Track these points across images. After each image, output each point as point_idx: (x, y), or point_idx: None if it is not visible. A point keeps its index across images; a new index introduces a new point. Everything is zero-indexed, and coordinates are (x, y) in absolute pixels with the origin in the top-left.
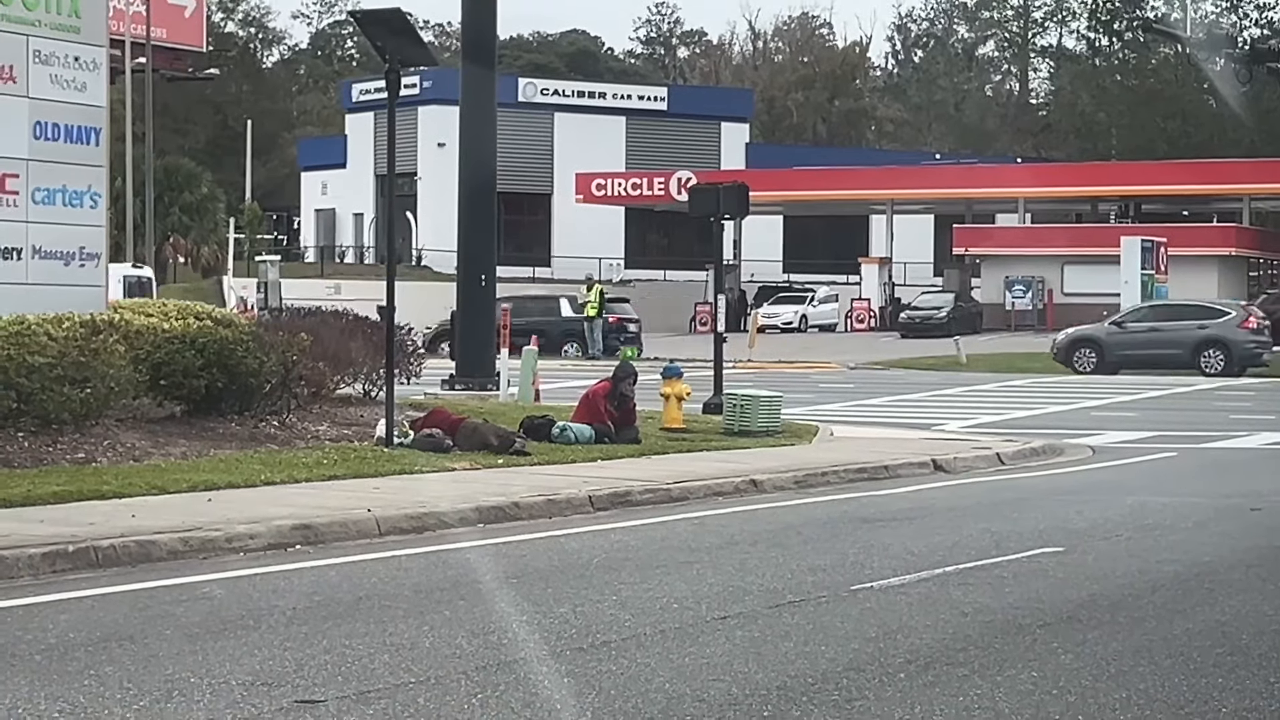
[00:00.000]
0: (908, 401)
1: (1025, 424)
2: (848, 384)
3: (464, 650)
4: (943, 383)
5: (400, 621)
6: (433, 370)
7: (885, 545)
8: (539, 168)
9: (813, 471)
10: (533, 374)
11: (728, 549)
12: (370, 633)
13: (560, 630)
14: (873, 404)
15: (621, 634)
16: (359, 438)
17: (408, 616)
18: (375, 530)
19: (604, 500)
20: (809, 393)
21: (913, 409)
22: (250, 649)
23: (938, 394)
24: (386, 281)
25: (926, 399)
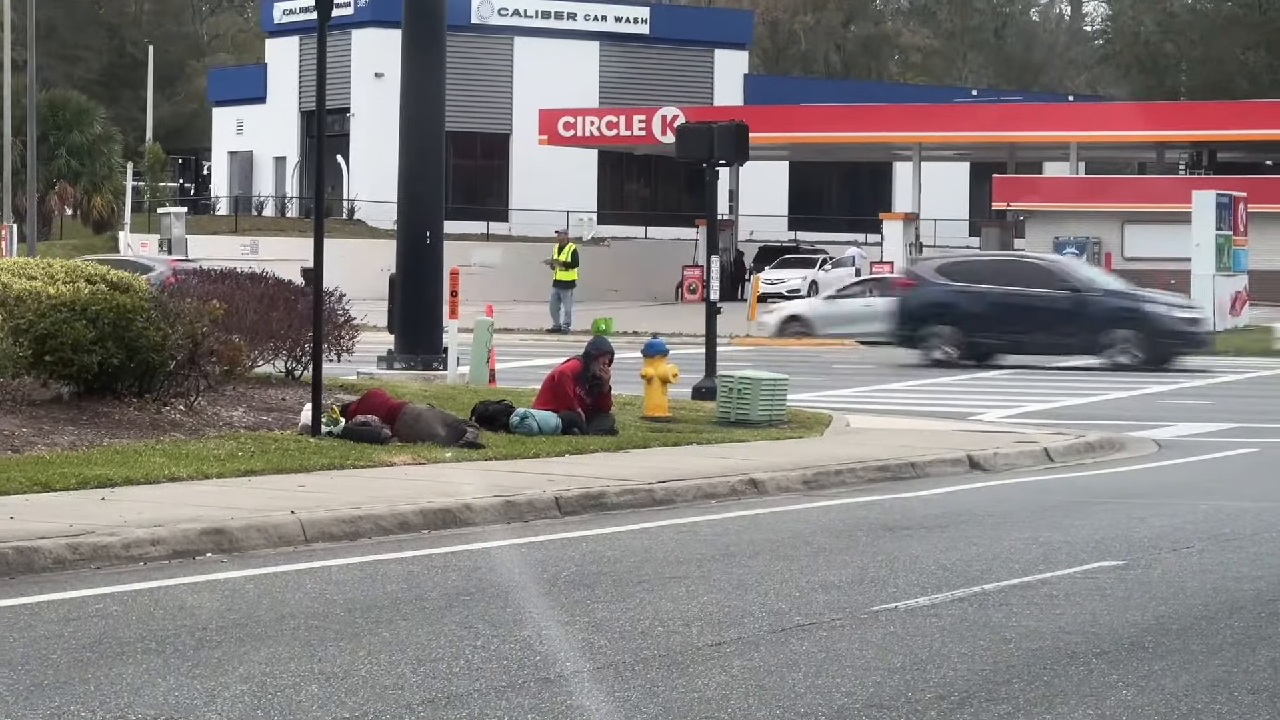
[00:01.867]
0: (939, 387)
1: (1078, 414)
2: (866, 365)
3: (407, 680)
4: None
5: (331, 645)
6: (368, 345)
7: (912, 558)
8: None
9: (825, 470)
10: (487, 350)
11: (723, 561)
12: (296, 658)
13: (522, 658)
14: (897, 389)
15: (596, 662)
16: (280, 425)
17: (340, 639)
18: (300, 536)
19: (574, 503)
20: (820, 375)
21: (945, 395)
22: (152, 677)
23: (974, 378)
24: (314, 239)
25: (961, 384)
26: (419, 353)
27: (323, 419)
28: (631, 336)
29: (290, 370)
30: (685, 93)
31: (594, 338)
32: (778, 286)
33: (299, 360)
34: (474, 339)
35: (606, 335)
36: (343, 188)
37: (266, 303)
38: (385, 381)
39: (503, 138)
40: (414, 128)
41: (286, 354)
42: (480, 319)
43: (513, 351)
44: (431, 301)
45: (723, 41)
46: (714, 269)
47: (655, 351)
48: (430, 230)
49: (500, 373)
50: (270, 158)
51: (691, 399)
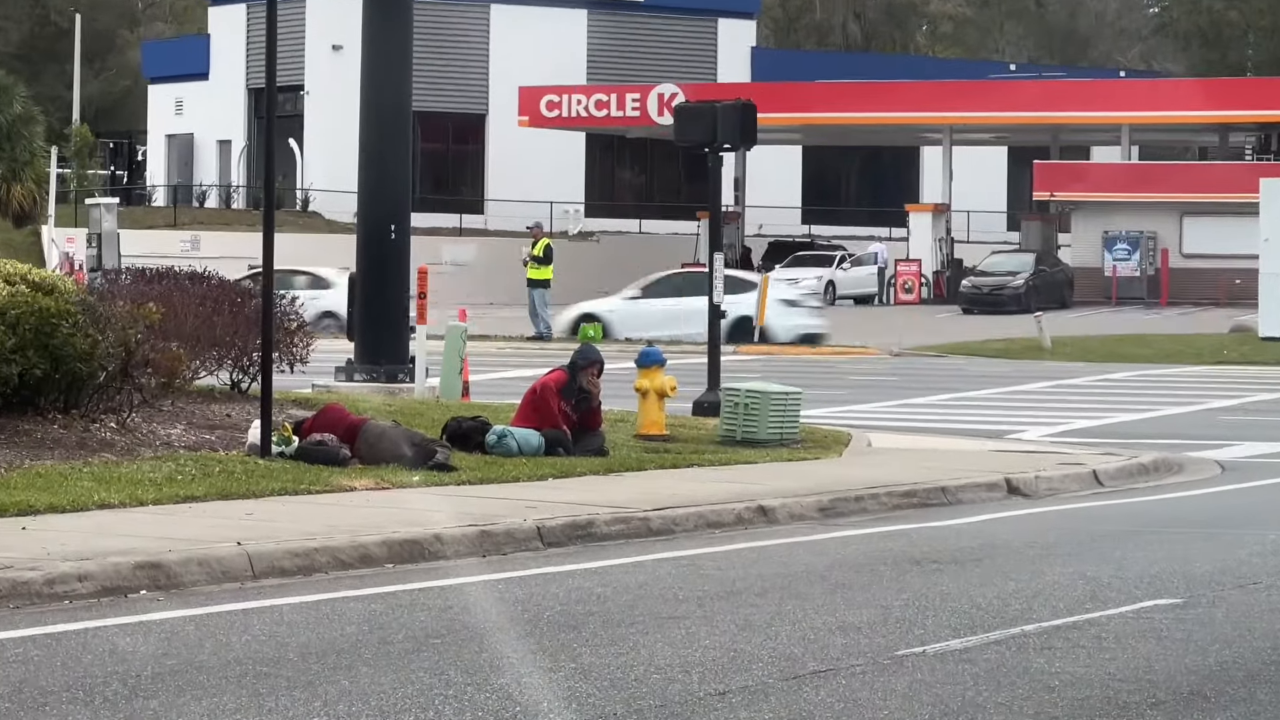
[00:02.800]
0: (972, 401)
1: (1131, 431)
2: (890, 376)
3: None
4: (1019, 375)
5: (283, 695)
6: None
7: (942, 595)
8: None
9: (843, 495)
10: (460, 360)
11: (728, 600)
12: (243, 709)
13: (499, 710)
14: (924, 404)
15: (584, 714)
16: (225, 445)
17: (293, 688)
18: (248, 570)
19: (558, 533)
20: (838, 388)
21: (979, 410)
22: None
23: (1013, 390)
24: (263, 233)
25: (997, 397)
26: (382, 363)
27: (273, 438)
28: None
29: (236, 382)
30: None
31: (581, 346)
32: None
33: (246, 371)
34: (445, 347)
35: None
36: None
37: (209, 306)
38: (344, 395)
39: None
40: (377, 107)
41: (232, 364)
42: (452, 324)
43: (489, 361)
44: (396, 304)
45: (727, 10)
46: (718, 267)
47: (651, 361)
48: (395, 224)
49: (475, 385)
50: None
51: (692, 415)
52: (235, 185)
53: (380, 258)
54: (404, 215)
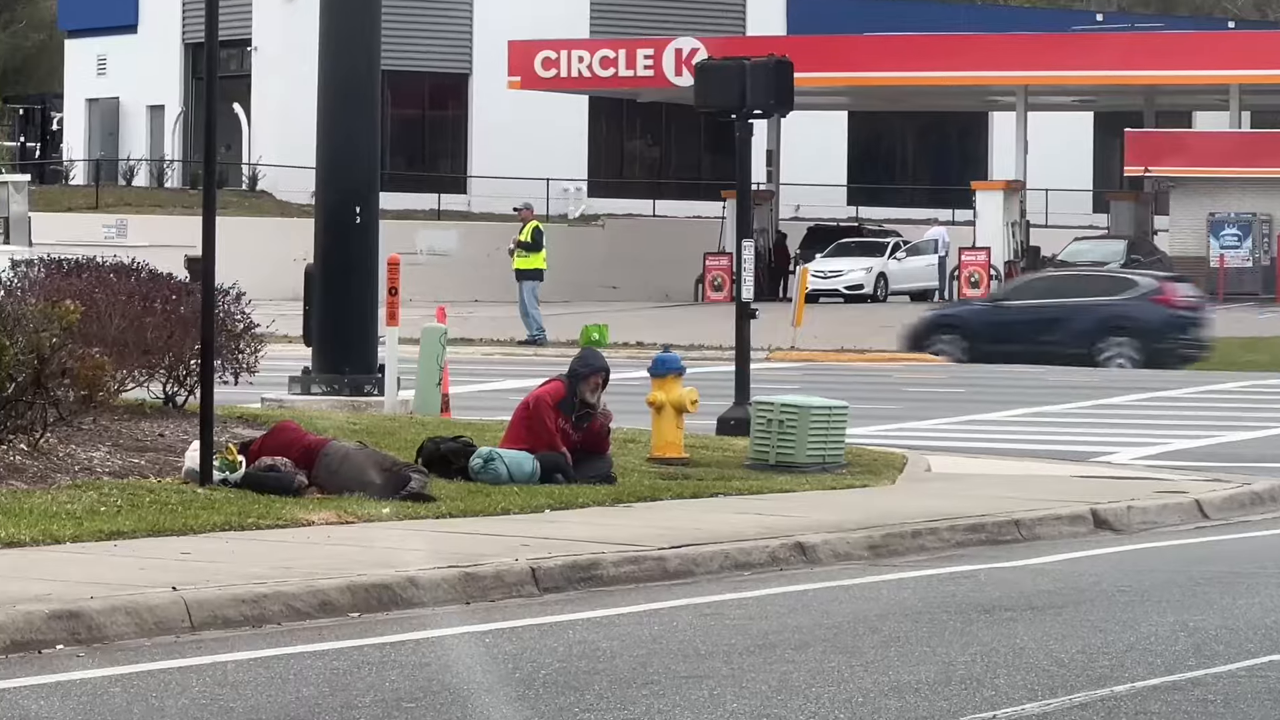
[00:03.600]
0: (1051, 416)
1: (1242, 453)
2: (954, 387)
3: None
4: (1108, 385)
5: None
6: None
7: (1016, 650)
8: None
9: (897, 529)
10: (439, 369)
11: (759, 655)
12: None
13: None
14: (995, 420)
15: None
16: (158, 470)
17: None
18: (185, 621)
19: (556, 575)
20: (892, 401)
21: (1060, 428)
22: None
23: (1100, 405)
24: (203, 217)
25: (1082, 413)
26: (346, 372)
27: (215, 462)
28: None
29: (171, 396)
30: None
31: (582, 351)
32: (833, 281)
33: (182, 382)
34: (420, 353)
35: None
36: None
37: (139, 304)
38: (300, 411)
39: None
40: (338, 67)
41: (166, 374)
42: (429, 326)
43: (474, 370)
44: (362, 302)
45: None
46: (747, 257)
47: (667, 370)
48: (360, 205)
49: (457, 399)
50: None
51: (717, 434)
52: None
53: (343, 246)
54: (371, 195)
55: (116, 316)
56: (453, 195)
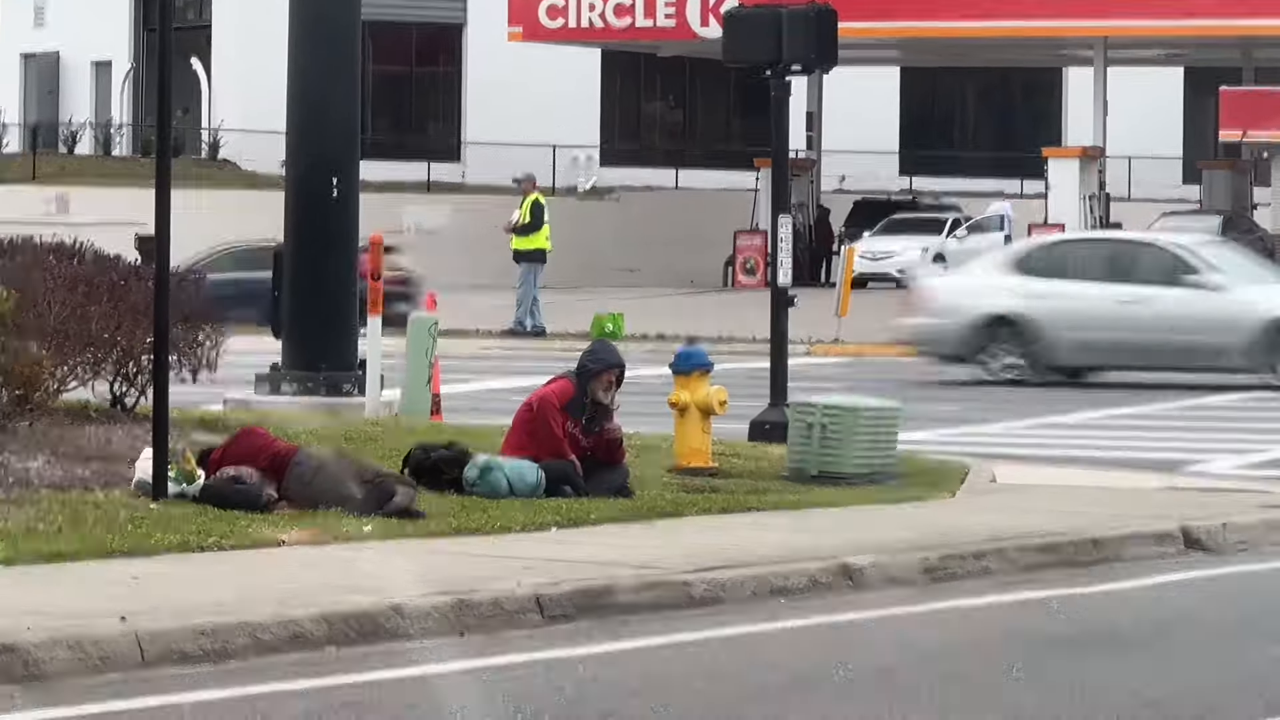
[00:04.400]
0: (1137, 419)
1: None
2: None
3: None
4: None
5: None
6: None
7: (1096, 689)
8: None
9: (957, 550)
10: (429, 365)
11: (798, 696)
12: None
13: None
14: (1070, 423)
15: None
16: (104, 482)
17: None
18: (135, 656)
19: (564, 603)
20: (950, 402)
21: (1147, 432)
22: None
23: (1194, 405)
24: (156, 190)
25: (1173, 414)
26: (321, 368)
27: (170, 473)
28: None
29: (119, 396)
30: None
31: (593, 344)
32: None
33: (133, 381)
34: (408, 347)
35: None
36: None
37: (82, 291)
38: (268, 414)
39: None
40: (313, 17)
41: (113, 371)
42: (418, 315)
43: (470, 367)
44: (340, 289)
45: None
46: (784, 236)
47: (692, 366)
48: (338, 176)
49: (450, 399)
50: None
51: (749, 440)
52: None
53: (317, 223)
54: (350, 164)
55: (56, 305)
56: (444, 164)
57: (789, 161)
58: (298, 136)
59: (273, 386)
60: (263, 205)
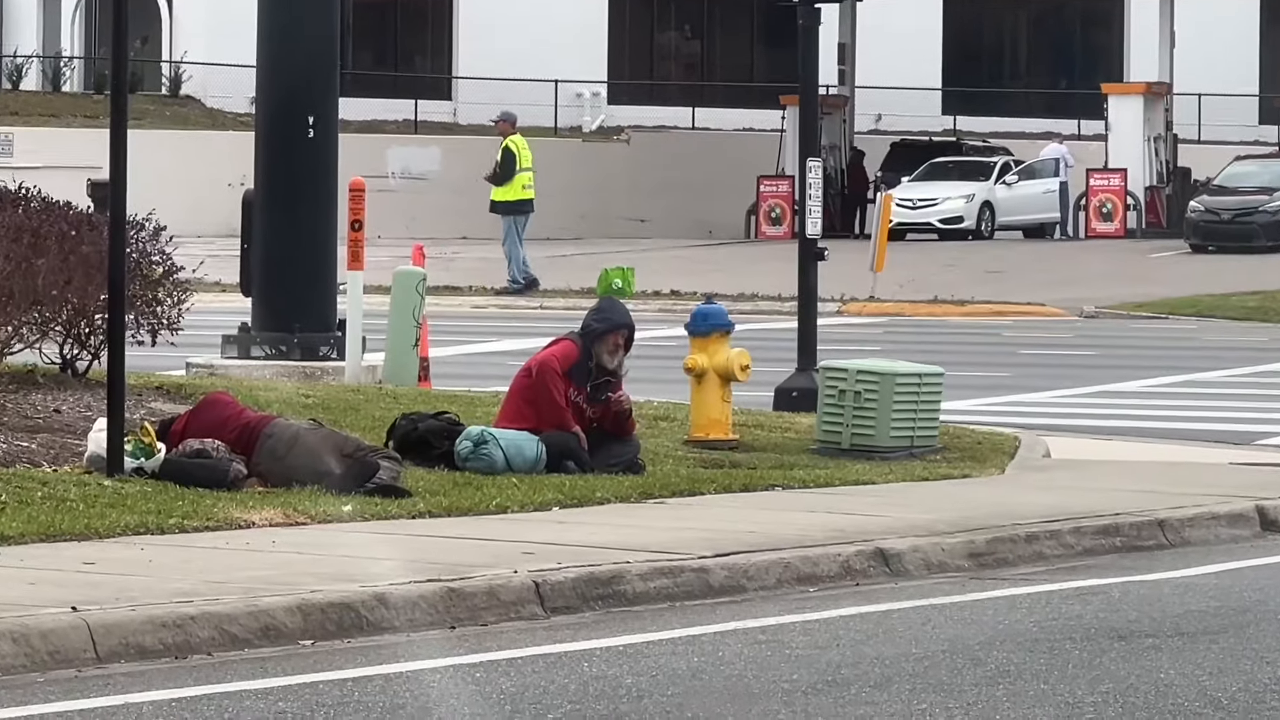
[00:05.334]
0: (1204, 386)
1: None
2: (1080, 349)
3: None
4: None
5: None
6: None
7: (1160, 688)
8: None
9: (1006, 532)
10: (416, 326)
11: (829, 695)
12: None
13: None
14: (1132, 391)
15: None
16: (53, 457)
17: None
18: (89, 651)
19: (568, 592)
20: (999, 368)
21: (1216, 401)
22: None
23: (1268, 371)
24: (111, 130)
25: (1245, 382)
26: (296, 329)
27: (127, 446)
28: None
29: (70, 360)
30: None
31: (600, 301)
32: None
33: (85, 343)
34: (392, 305)
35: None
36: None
37: (28, 242)
38: (237, 380)
39: None
40: None
41: (63, 331)
42: (403, 270)
43: (461, 327)
44: (316, 240)
45: None
46: (813, 182)
47: (711, 327)
48: (314, 114)
49: (440, 363)
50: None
51: (774, 409)
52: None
53: (291, 167)
54: (328, 101)
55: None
56: (433, 102)
57: (819, 99)
58: (269, 70)
59: (242, 349)
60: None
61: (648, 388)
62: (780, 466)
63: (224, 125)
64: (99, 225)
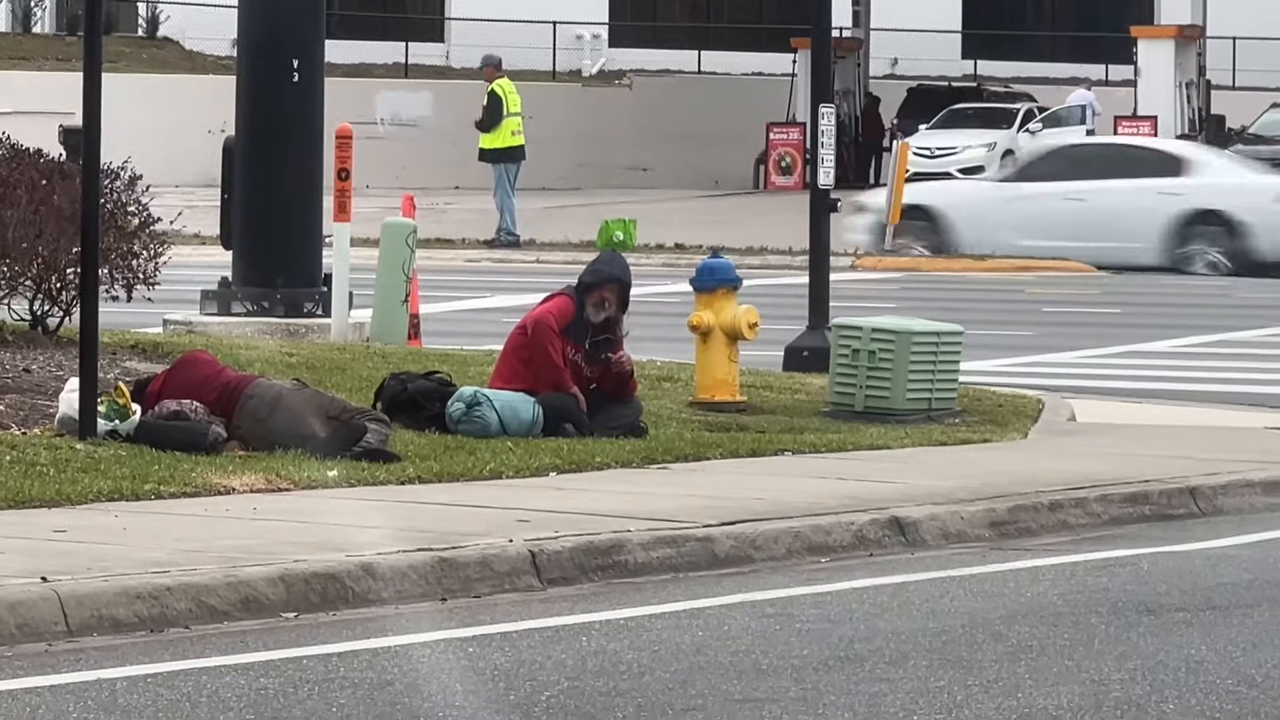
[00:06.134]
0: (1240, 346)
1: None
2: (1107, 306)
3: None
4: None
5: None
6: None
7: (1190, 664)
8: None
9: (1029, 500)
10: (406, 281)
11: (841, 671)
12: None
13: None
14: (1162, 351)
15: None
16: (22, 419)
17: None
18: (59, 623)
19: (565, 562)
20: (1024, 325)
21: (1250, 361)
22: None
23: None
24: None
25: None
26: (278, 284)
27: (101, 408)
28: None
29: (40, 317)
30: None
31: (601, 254)
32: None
33: (55, 299)
34: (380, 259)
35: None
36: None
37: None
38: (217, 338)
39: None
40: None
41: (33, 287)
42: (392, 221)
43: (454, 282)
44: (301, 190)
45: None
46: (826, 129)
47: (717, 282)
48: (299, 56)
49: (431, 320)
50: None
51: (784, 369)
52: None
53: (275, 113)
54: (314, 43)
55: None
56: (425, 45)
57: (832, 41)
58: (251, 9)
59: (222, 305)
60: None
61: (650, 347)
62: (790, 430)
63: (204, 68)
64: (71, 174)
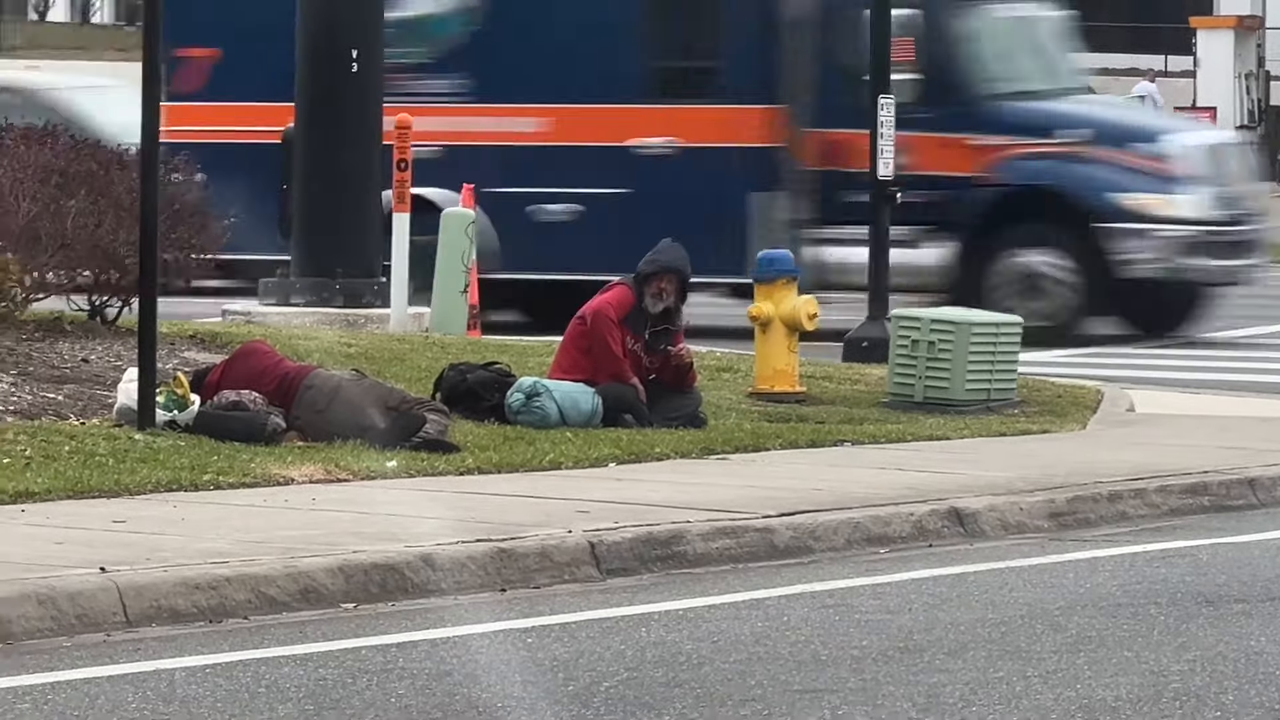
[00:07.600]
0: None
1: None
2: None
3: None
4: None
5: None
6: None
7: (1251, 656)
8: None
9: (1088, 491)
10: (465, 270)
11: (900, 662)
12: None
13: None
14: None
15: None
16: (81, 409)
17: None
18: (118, 614)
19: (624, 553)
20: None
21: None
22: None
23: None
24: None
25: None
26: (338, 275)
27: (159, 398)
28: None
29: (99, 307)
30: None
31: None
32: None
33: (115, 289)
34: (440, 250)
35: None
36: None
37: (55, 183)
38: (275, 328)
39: None
40: None
41: (93, 278)
42: (453, 211)
43: None
44: (360, 180)
45: None
46: (885, 120)
47: (777, 273)
48: (358, 47)
49: None
50: None
51: (843, 360)
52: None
53: (333, 102)
54: (373, 31)
55: (25, 200)
56: None
57: None
58: None
59: (280, 296)
60: None
61: (707, 339)
62: (849, 420)
63: None
64: (129, 164)
